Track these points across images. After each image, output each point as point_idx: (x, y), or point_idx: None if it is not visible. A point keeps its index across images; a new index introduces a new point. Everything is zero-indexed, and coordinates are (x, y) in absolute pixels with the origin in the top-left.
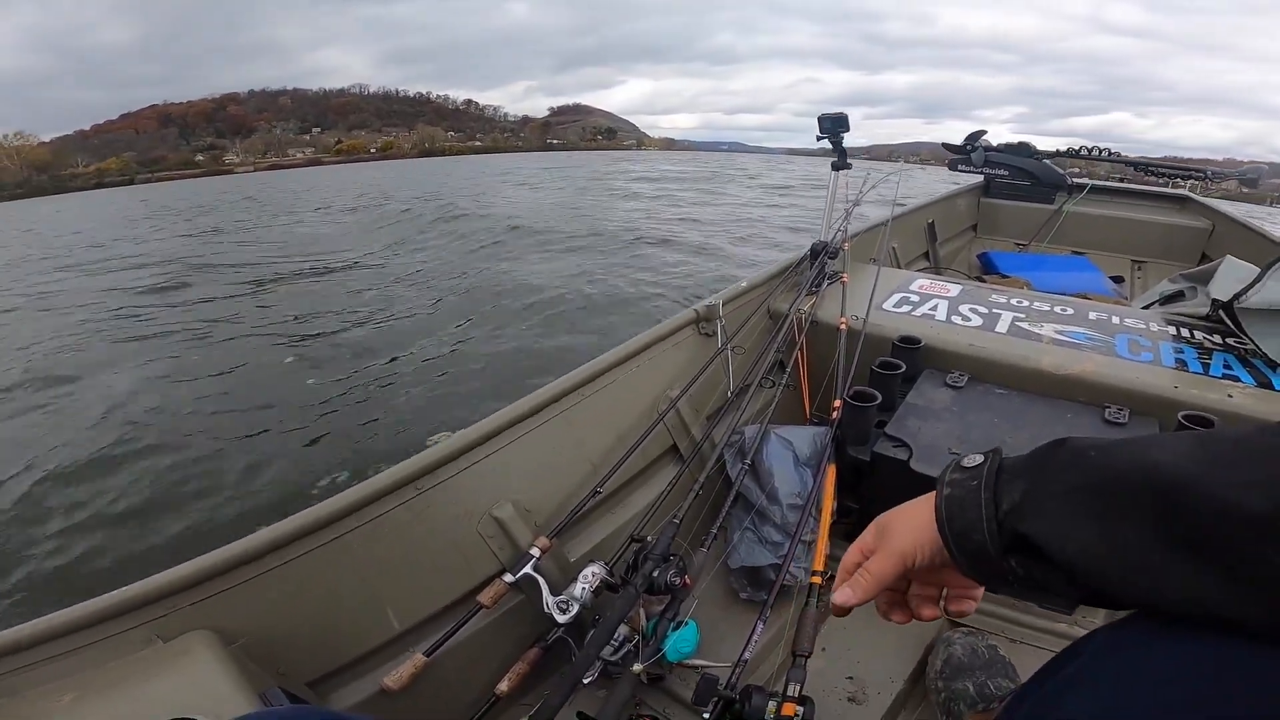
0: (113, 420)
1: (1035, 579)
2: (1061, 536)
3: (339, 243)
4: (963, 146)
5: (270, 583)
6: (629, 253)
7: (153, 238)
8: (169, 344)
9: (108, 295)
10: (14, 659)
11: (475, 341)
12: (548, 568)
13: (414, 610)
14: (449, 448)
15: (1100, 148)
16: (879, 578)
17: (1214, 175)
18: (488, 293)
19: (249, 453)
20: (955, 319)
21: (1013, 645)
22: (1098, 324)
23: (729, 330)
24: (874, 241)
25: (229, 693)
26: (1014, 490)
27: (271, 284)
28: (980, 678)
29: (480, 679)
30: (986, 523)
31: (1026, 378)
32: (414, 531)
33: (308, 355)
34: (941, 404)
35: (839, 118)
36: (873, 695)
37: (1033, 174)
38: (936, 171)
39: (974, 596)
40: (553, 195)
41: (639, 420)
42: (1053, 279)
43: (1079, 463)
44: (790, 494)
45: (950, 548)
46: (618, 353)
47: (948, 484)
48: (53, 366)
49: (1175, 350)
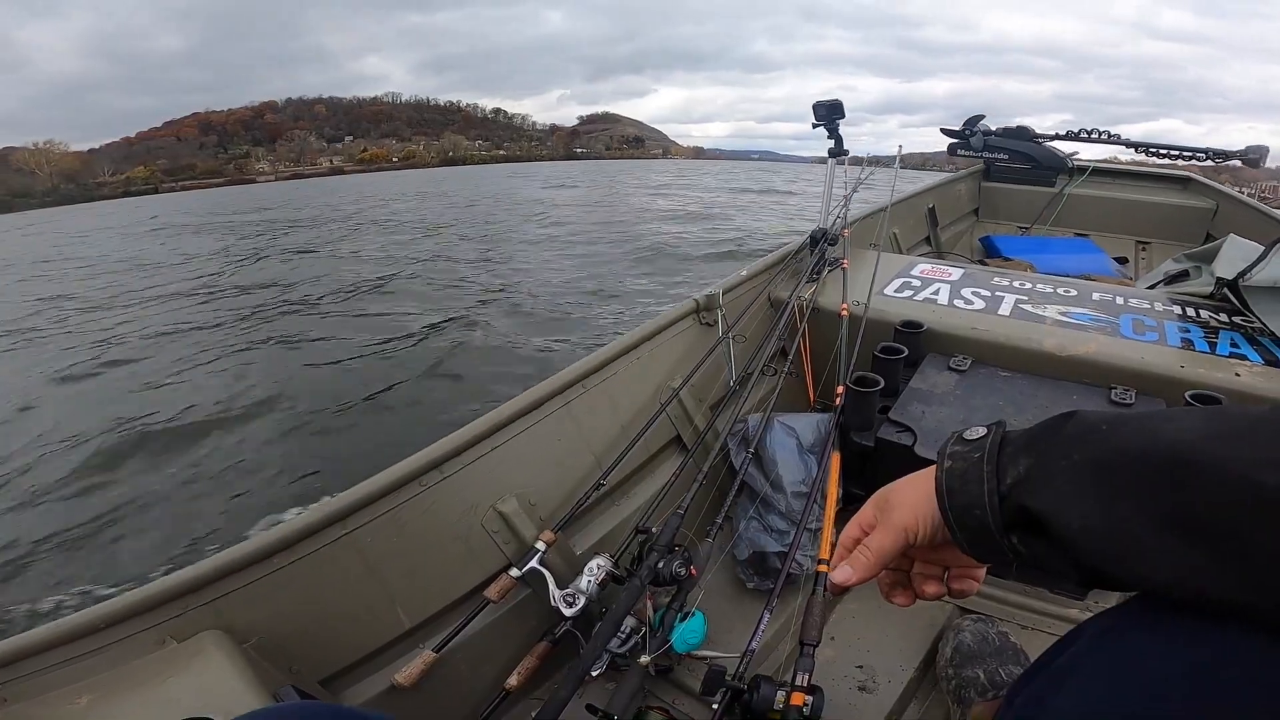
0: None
1: (1037, 557)
2: (1068, 512)
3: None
4: (961, 131)
5: (280, 582)
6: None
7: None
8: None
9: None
10: (29, 662)
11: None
12: (553, 561)
13: (422, 606)
14: (452, 443)
15: (1100, 130)
16: (879, 554)
17: (1216, 155)
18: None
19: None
20: (957, 302)
21: (1024, 632)
22: (1102, 305)
23: (730, 319)
24: (874, 228)
25: (242, 692)
26: (1018, 464)
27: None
28: (991, 665)
29: (489, 674)
30: (988, 497)
31: (1031, 360)
32: (420, 528)
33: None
34: (945, 388)
35: (834, 105)
36: (883, 684)
37: (1032, 157)
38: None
39: (976, 576)
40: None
41: (641, 412)
42: (1056, 261)
43: (1088, 436)
44: (795, 482)
45: (950, 523)
46: (618, 345)
47: (949, 456)
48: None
49: (1181, 329)
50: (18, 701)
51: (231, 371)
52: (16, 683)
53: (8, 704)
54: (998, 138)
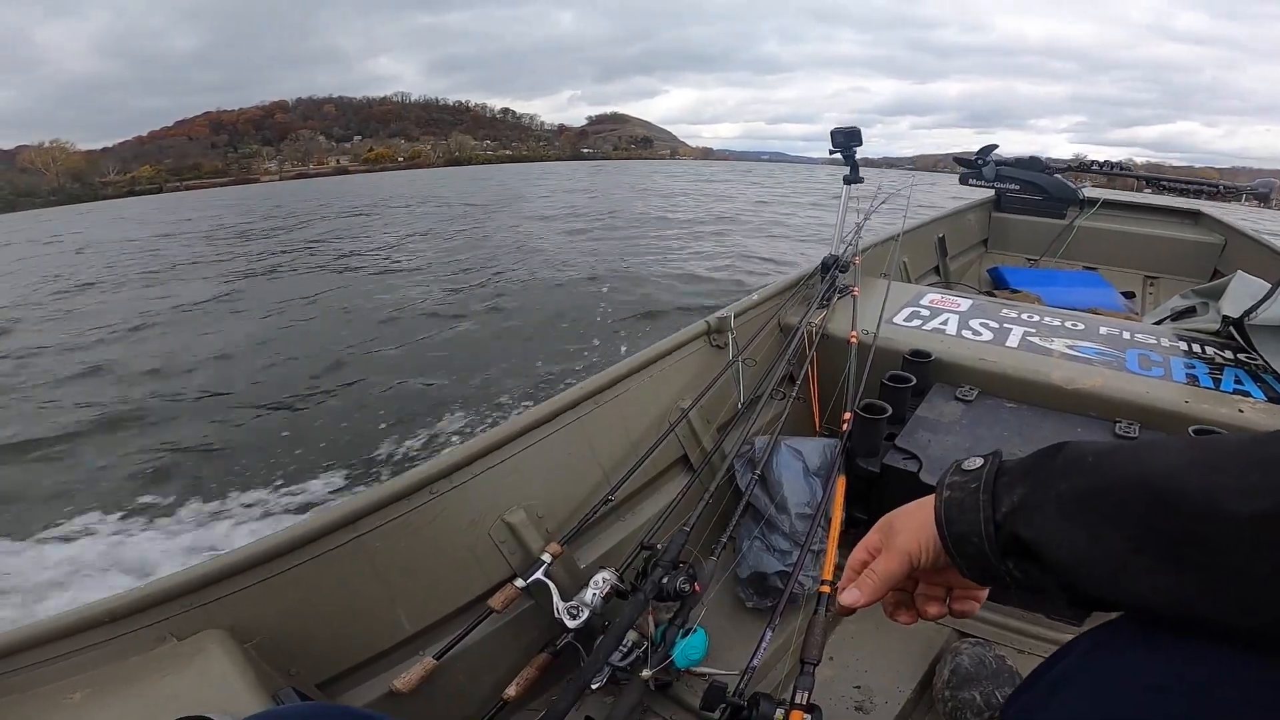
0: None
1: (1032, 581)
2: (1055, 540)
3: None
4: (974, 160)
5: (284, 584)
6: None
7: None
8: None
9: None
10: (23, 656)
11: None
12: (558, 573)
13: (425, 613)
14: (463, 452)
15: (1111, 162)
16: (886, 578)
17: (1226, 190)
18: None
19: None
20: (966, 333)
21: (1020, 655)
22: (1108, 339)
23: (740, 342)
24: (885, 255)
25: (241, 692)
26: (1013, 493)
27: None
28: (988, 688)
29: (489, 683)
30: (984, 525)
31: (1037, 392)
32: (427, 535)
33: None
34: (951, 417)
35: (851, 131)
36: (880, 704)
37: (1044, 188)
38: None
39: (977, 597)
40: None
41: (650, 430)
42: (1064, 294)
43: (1076, 466)
44: (800, 504)
45: (949, 550)
46: (630, 363)
47: (947, 486)
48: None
49: (1186, 365)
50: (8, 695)
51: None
52: (7, 677)
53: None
54: (1010, 168)
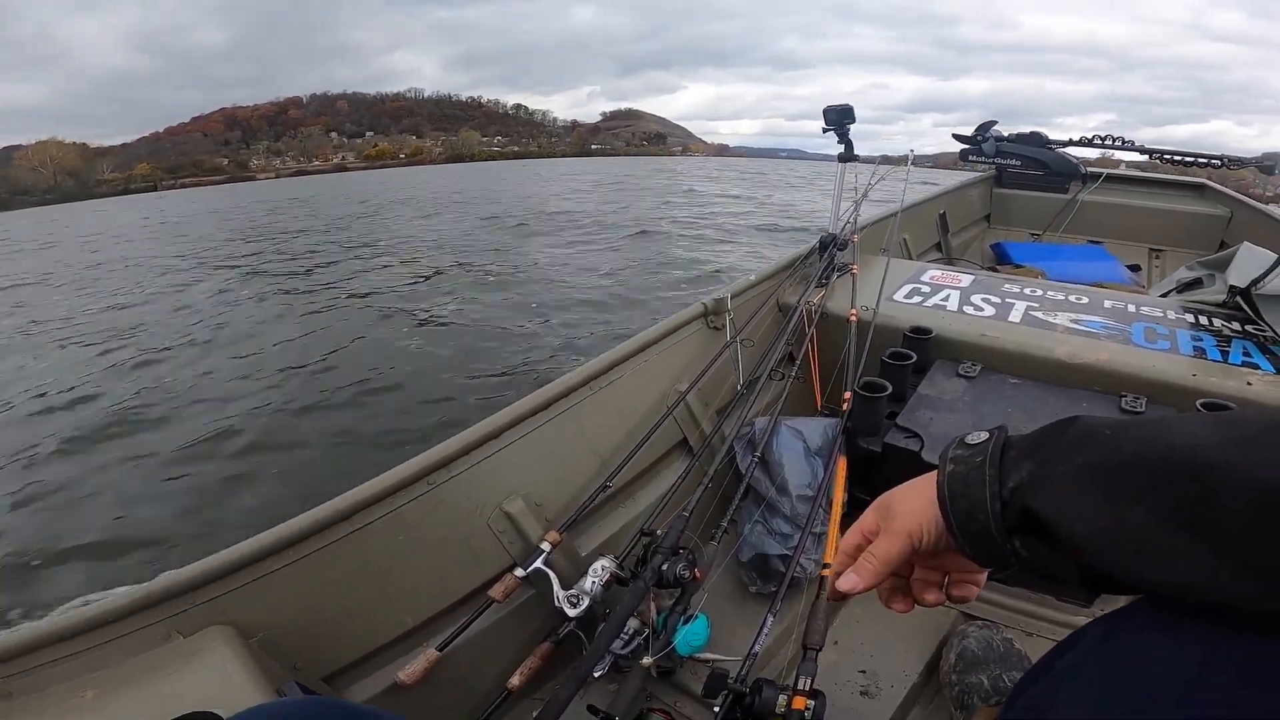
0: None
1: (1039, 561)
2: (1071, 515)
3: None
4: (973, 137)
5: (286, 578)
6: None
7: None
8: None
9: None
10: (35, 656)
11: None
12: (558, 562)
13: (426, 605)
14: (460, 442)
15: (1113, 136)
16: (885, 560)
17: (1231, 163)
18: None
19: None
20: (967, 309)
21: (1028, 638)
22: (1113, 312)
23: (738, 323)
24: (884, 233)
25: (246, 687)
26: (1021, 467)
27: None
28: (995, 671)
29: (492, 673)
30: (990, 500)
31: (1041, 367)
32: (426, 526)
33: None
34: (954, 394)
35: (844, 109)
36: (885, 689)
37: (1045, 163)
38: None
39: (976, 582)
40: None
41: (648, 414)
42: (1068, 268)
43: (1092, 440)
44: (800, 485)
45: (952, 527)
46: (626, 347)
47: (950, 460)
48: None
49: (1193, 338)
50: (23, 695)
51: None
52: (21, 676)
53: (13, 697)
54: (1010, 143)
